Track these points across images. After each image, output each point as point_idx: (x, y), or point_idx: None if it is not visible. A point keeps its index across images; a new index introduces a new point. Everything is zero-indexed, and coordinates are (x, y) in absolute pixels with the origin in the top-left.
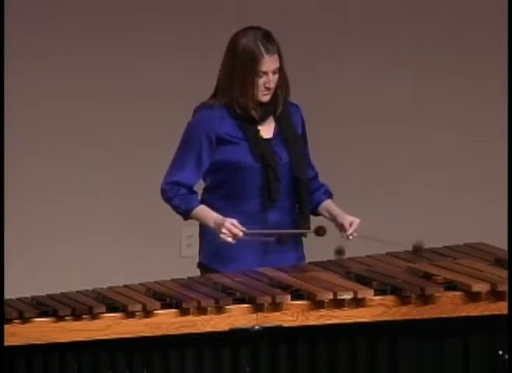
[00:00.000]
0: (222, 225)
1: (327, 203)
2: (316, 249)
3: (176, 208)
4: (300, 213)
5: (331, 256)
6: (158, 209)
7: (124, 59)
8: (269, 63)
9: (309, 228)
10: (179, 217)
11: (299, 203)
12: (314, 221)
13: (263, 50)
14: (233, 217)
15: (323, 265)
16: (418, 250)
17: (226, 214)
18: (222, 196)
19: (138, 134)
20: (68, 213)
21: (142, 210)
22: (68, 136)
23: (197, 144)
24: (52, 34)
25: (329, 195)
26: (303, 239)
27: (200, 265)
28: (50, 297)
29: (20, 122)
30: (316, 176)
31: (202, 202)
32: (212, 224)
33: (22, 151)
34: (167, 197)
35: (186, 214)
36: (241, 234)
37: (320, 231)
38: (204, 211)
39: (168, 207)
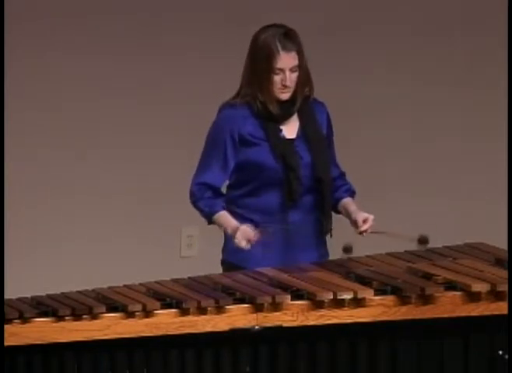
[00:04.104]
0: (235, 233)
1: (346, 201)
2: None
3: (200, 211)
4: (323, 213)
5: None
6: (158, 209)
7: (122, 58)
8: (285, 60)
9: (331, 228)
10: (179, 217)
11: (321, 202)
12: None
13: (279, 46)
14: (254, 215)
15: (323, 265)
16: (423, 242)
17: (247, 212)
18: (244, 194)
19: (138, 134)
20: (68, 213)
21: (141, 210)
22: (68, 136)
23: (221, 145)
24: (52, 34)
25: (350, 193)
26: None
27: (223, 262)
28: (50, 297)
29: (20, 121)
30: (340, 175)
31: (226, 198)
32: (229, 231)
33: (22, 152)
34: (194, 200)
35: (209, 218)
36: (255, 238)
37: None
38: (223, 217)
39: (168, 207)
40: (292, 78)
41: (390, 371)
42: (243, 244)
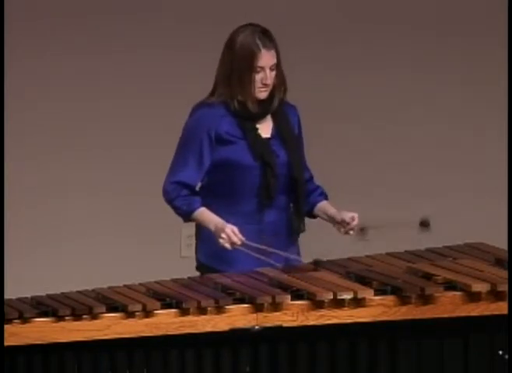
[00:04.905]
0: (222, 231)
1: (323, 204)
2: (314, 249)
3: (177, 210)
4: (295, 212)
5: (332, 257)
6: (158, 209)
7: (122, 58)
8: (266, 58)
9: (303, 229)
10: (179, 218)
11: (294, 202)
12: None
13: (260, 44)
14: (228, 217)
15: (323, 265)
16: (425, 225)
17: (221, 214)
18: (218, 195)
19: (138, 134)
20: (68, 213)
21: (142, 210)
22: (67, 136)
23: (197, 143)
24: (52, 34)
25: (325, 196)
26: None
27: (200, 266)
28: (50, 297)
29: (20, 121)
30: (311, 178)
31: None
32: (212, 228)
33: (22, 152)
34: (169, 198)
35: (187, 216)
36: (239, 242)
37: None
38: (205, 214)
39: (168, 207)
40: (271, 76)
41: (390, 371)
42: (227, 245)
